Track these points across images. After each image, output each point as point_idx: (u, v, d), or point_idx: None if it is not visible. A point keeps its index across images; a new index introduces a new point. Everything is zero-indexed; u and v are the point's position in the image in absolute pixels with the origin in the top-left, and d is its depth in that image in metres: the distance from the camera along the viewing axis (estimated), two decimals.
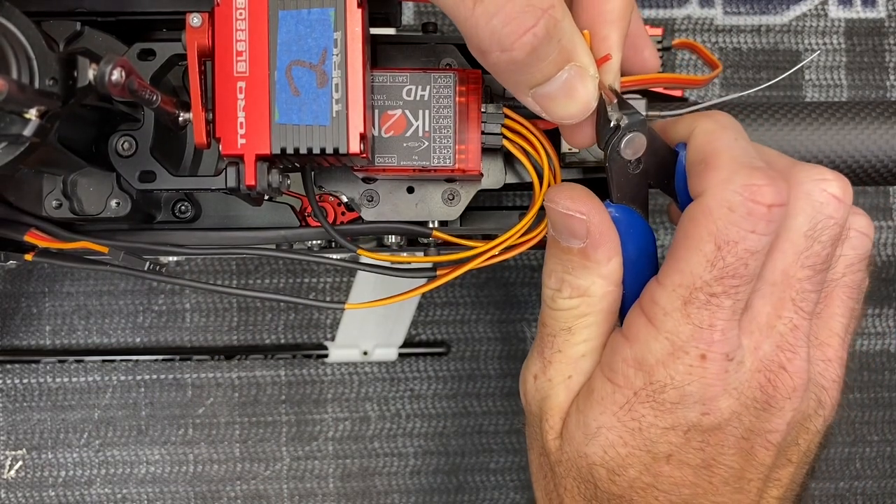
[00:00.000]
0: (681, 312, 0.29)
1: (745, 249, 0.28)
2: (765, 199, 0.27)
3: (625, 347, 0.30)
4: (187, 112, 0.28)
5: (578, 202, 0.30)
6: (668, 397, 0.30)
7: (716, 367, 0.29)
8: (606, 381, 0.31)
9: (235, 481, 0.55)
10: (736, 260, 0.28)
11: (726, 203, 0.28)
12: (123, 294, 0.54)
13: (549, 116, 0.28)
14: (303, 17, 0.27)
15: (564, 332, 0.32)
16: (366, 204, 0.34)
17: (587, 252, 0.31)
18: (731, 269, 0.28)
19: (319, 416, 0.55)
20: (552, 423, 0.33)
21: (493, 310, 0.56)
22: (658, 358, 0.29)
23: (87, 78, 0.25)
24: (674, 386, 0.29)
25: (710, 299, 0.28)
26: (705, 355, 0.29)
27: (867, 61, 0.57)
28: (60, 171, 0.31)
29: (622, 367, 0.30)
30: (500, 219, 0.37)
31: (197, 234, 0.33)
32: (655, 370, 0.30)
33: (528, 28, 0.24)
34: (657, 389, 0.30)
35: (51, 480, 0.54)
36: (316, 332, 0.55)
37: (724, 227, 0.28)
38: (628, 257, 0.31)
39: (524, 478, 0.56)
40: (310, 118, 0.27)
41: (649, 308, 0.30)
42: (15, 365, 0.54)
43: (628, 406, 0.30)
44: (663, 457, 0.30)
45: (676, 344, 0.29)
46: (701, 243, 0.28)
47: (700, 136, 0.30)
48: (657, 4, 0.56)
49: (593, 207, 0.30)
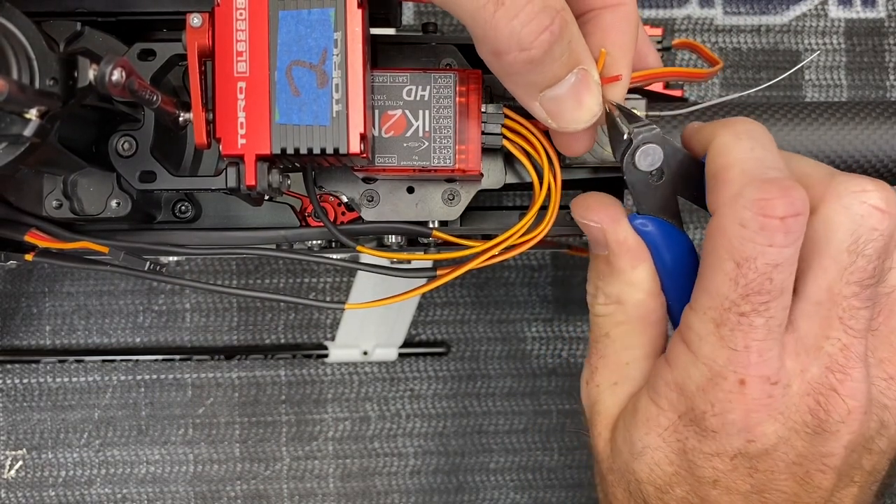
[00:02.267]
0: (715, 336, 0.28)
1: (765, 264, 0.27)
2: (776, 212, 0.26)
3: (667, 371, 0.30)
4: (187, 112, 0.28)
5: (593, 211, 0.31)
6: (710, 424, 0.29)
7: (756, 392, 0.28)
8: (651, 402, 0.31)
9: (235, 481, 0.55)
10: (758, 276, 0.27)
11: (737, 219, 0.27)
12: (123, 294, 0.54)
13: (557, 123, 0.28)
14: (303, 18, 0.27)
15: (604, 338, 0.32)
16: (366, 204, 0.34)
17: (610, 260, 0.31)
18: (756, 286, 0.27)
19: (319, 416, 0.55)
20: (600, 429, 0.33)
21: (493, 310, 0.56)
22: (698, 384, 0.29)
23: (88, 78, 0.25)
24: (714, 413, 0.29)
25: (740, 319, 0.28)
26: (744, 380, 0.28)
27: (867, 61, 0.57)
28: (61, 171, 0.30)
29: (665, 391, 0.30)
30: (500, 219, 0.37)
31: (197, 234, 0.33)
32: (696, 397, 0.29)
33: (545, 26, 0.25)
34: (699, 416, 0.29)
35: (51, 480, 0.54)
36: (316, 332, 0.55)
37: (740, 244, 0.27)
38: (665, 267, 0.31)
39: (524, 478, 0.56)
40: (310, 118, 0.27)
41: (686, 333, 0.29)
42: (15, 365, 0.54)
43: (672, 429, 0.30)
44: (709, 482, 0.30)
45: (714, 370, 0.28)
46: (721, 263, 0.28)
47: (714, 149, 0.29)
48: (657, 4, 0.56)
49: (608, 216, 0.30)
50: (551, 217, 0.32)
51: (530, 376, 0.56)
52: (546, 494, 0.56)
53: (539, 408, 0.56)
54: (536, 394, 0.56)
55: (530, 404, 0.56)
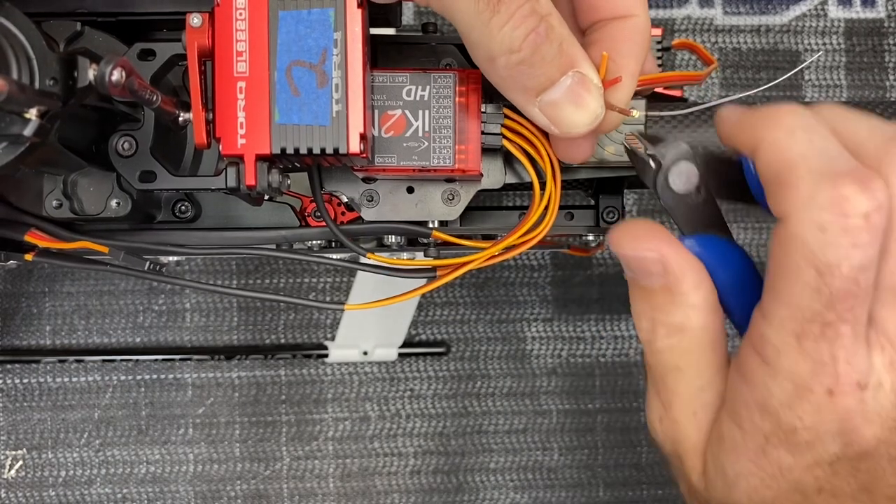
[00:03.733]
0: (795, 349, 0.26)
1: (850, 268, 0.25)
2: (859, 209, 0.24)
3: (744, 390, 0.28)
4: (187, 112, 0.28)
5: (644, 240, 0.28)
6: (801, 438, 0.27)
7: (848, 400, 0.26)
8: (734, 426, 0.29)
9: (235, 481, 0.55)
10: (844, 282, 0.25)
11: (815, 225, 0.25)
12: (123, 294, 0.54)
13: (558, 128, 0.28)
14: (303, 18, 0.27)
15: (673, 371, 0.30)
16: (366, 204, 0.34)
17: (671, 287, 0.29)
18: (842, 293, 0.25)
19: (319, 416, 0.55)
20: (692, 464, 0.31)
21: (493, 310, 0.56)
22: (781, 401, 0.27)
23: (88, 78, 0.25)
24: (805, 427, 0.27)
25: (824, 330, 0.25)
26: (833, 390, 0.26)
27: (867, 61, 0.57)
28: (60, 171, 0.30)
29: (746, 414, 0.28)
30: (500, 219, 0.37)
31: (197, 234, 0.33)
32: (782, 414, 0.27)
33: (532, 28, 0.26)
34: (788, 433, 0.27)
35: (51, 480, 0.54)
36: (316, 332, 0.55)
37: (821, 250, 0.25)
38: (723, 284, 0.29)
39: (524, 478, 0.56)
40: (310, 118, 0.27)
41: (760, 346, 0.27)
42: (15, 365, 0.54)
43: (762, 451, 0.28)
44: (813, 491, 0.28)
45: (798, 383, 0.26)
46: (800, 272, 0.25)
47: (767, 152, 0.27)
48: (657, 4, 0.56)
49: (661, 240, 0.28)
50: (551, 217, 0.32)
51: (530, 376, 0.56)
52: (546, 494, 0.56)
53: (539, 408, 0.56)
54: (536, 394, 0.56)
55: (530, 404, 0.56)
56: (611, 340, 0.57)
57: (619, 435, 0.56)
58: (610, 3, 0.29)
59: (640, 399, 0.57)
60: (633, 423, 0.56)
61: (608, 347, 0.57)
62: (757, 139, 0.27)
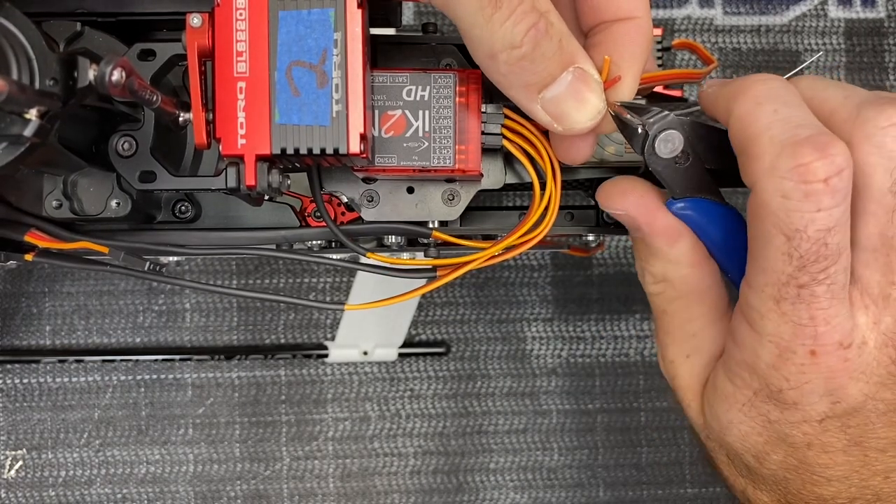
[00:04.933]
0: (776, 312, 0.27)
1: (817, 230, 0.26)
2: (818, 175, 0.25)
3: (735, 352, 0.30)
4: (187, 112, 0.28)
5: (619, 198, 0.31)
6: (788, 398, 0.29)
7: (831, 359, 0.28)
8: (727, 379, 0.31)
9: (235, 481, 0.55)
10: (812, 244, 0.26)
11: (779, 192, 0.26)
12: (123, 294, 0.54)
13: (560, 125, 0.28)
14: (303, 18, 0.27)
15: (663, 314, 0.33)
16: (366, 204, 0.34)
17: (647, 241, 0.31)
18: (812, 255, 0.26)
19: (319, 416, 0.55)
20: (687, 401, 0.33)
21: (493, 310, 0.56)
22: (767, 362, 0.28)
23: (88, 78, 0.25)
24: (791, 387, 0.28)
25: (800, 292, 0.27)
26: (814, 351, 0.27)
27: (867, 61, 0.57)
28: (60, 171, 0.30)
29: (737, 370, 0.30)
30: (500, 219, 0.37)
31: (197, 234, 0.33)
32: (768, 374, 0.29)
33: (532, 24, 0.27)
34: (775, 392, 0.29)
35: (51, 480, 0.54)
36: (316, 331, 0.55)
37: (787, 216, 0.26)
38: (716, 244, 0.31)
39: (524, 478, 0.56)
40: (310, 118, 0.27)
41: (746, 311, 0.29)
42: (15, 365, 0.54)
43: (751, 404, 0.30)
44: (802, 445, 0.30)
45: (781, 346, 0.28)
46: (770, 239, 0.27)
47: (736, 122, 0.28)
48: (657, 4, 0.56)
49: (636, 200, 0.30)
50: (551, 217, 0.32)
51: (530, 376, 0.56)
52: (546, 494, 0.56)
53: (539, 408, 0.56)
54: (536, 394, 0.56)
55: (530, 404, 0.56)
56: (611, 340, 0.57)
57: (619, 435, 0.56)
58: (612, 5, 0.29)
59: (640, 399, 0.57)
60: (633, 423, 0.57)
61: (608, 347, 0.57)
62: (729, 111, 0.28)
